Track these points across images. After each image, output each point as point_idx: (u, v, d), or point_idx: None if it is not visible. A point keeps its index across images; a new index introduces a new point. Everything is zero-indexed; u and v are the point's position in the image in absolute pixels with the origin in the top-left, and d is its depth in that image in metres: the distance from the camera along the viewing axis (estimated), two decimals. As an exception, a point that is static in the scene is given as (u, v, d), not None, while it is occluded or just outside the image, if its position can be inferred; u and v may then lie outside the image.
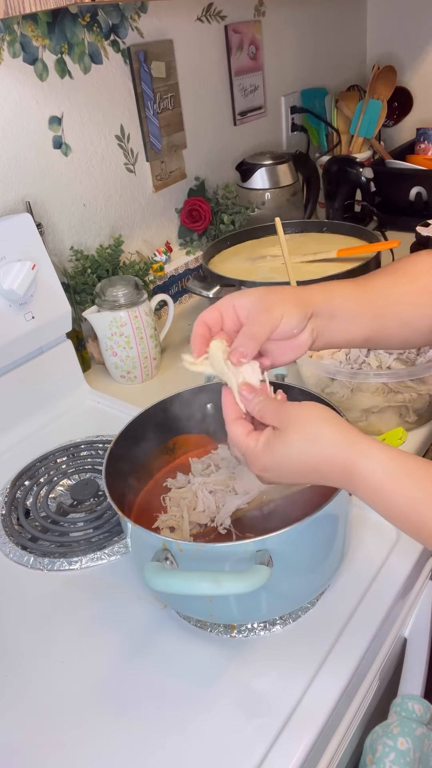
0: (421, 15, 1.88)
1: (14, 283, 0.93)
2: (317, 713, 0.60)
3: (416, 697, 0.69)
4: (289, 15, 1.65)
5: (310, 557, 0.65)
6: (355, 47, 1.99)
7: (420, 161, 1.70)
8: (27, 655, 0.69)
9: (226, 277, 1.15)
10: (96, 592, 0.75)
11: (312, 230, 1.36)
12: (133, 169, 1.29)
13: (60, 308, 1.02)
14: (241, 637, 0.68)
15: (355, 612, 0.69)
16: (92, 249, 1.21)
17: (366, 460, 0.54)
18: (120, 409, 1.04)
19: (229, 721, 0.60)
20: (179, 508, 0.76)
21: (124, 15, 1.19)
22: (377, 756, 0.63)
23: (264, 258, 1.26)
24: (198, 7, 1.37)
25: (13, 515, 0.86)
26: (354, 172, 1.54)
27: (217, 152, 1.51)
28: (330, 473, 0.56)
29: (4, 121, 1.03)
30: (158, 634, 0.69)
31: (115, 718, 0.62)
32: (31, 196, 1.09)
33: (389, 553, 0.75)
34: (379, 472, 0.53)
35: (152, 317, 1.13)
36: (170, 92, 1.32)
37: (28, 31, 1.03)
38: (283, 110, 1.70)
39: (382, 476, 0.53)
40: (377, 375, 0.87)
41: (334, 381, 0.92)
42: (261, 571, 0.56)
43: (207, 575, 0.55)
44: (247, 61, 1.53)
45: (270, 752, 0.57)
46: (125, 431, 0.75)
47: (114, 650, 0.68)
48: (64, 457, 0.95)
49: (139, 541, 0.65)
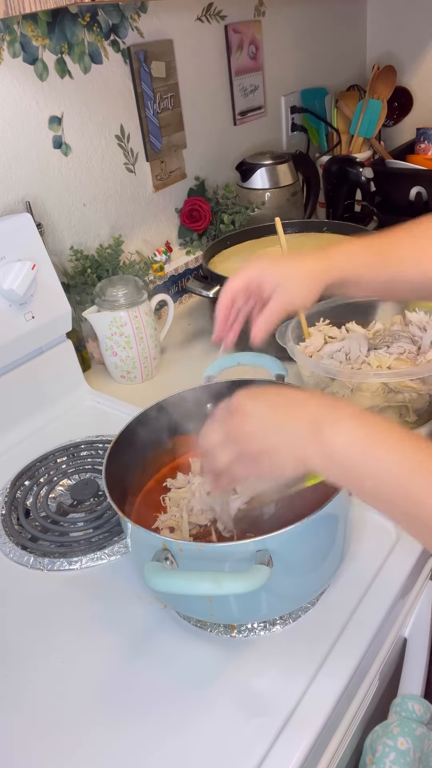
0: (421, 15, 1.88)
1: (14, 283, 0.93)
2: (317, 713, 0.60)
3: (416, 697, 0.69)
4: (288, 15, 1.65)
5: (310, 557, 0.65)
6: (355, 47, 1.99)
7: (420, 161, 1.70)
8: (27, 655, 0.69)
9: (226, 277, 1.15)
10: (96, 593, 0.75)
11: (312, 230, 1.36)
12: (133, 169, 1.29)
13: (60, 308, 1.03)
14: (241, 637, 0.68)
15: (355, 612, 0.69)
16: (92, 249, 1.21)
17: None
18: (120, 409, 1.04)
19: (229, 721, 0.60)
20: (179, 508, 0.76)
21: (124, 15, 1.19)
22: (377, 756, 0.63)
23: (264, 258, 1.26)
24: (198, 7, 1.37)
25: (13, 515, 0.86)
26: (354, 172, 1.54)
27: (217, 152, 1.51)
28: (310, 400, 0.58)
29: (4, 121, 1.03)
30: (158, 634, 0.69)
31: (115, 718, 0.62)
32: (31, 196, 1.09)
33: (389, 553, 0.75)
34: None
35: (152, 317, 1.13)
36: (170, 92, 1.32)
37: (28, 31, 1.03)
38: (283, 110, 1.70)
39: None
40: (377, 375, 0.87)
41: (334, 381, 0.92)
42: (261, 571, 0.56)
43: (207, 575, 0.55)
44: (247, 61, 1.53)
45: (270, 752, 0.57)
46: (125, 431, 0.75)
47: (114, 650, 0.68)
48: (64, 457, 0.95)
49: (139, 541, 0.65)
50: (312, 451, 0.54)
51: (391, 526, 0.78)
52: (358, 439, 0.53)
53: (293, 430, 0.56)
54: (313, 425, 0.55)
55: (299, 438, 0.55)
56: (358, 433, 0.54)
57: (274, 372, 0.82)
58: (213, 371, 0.84)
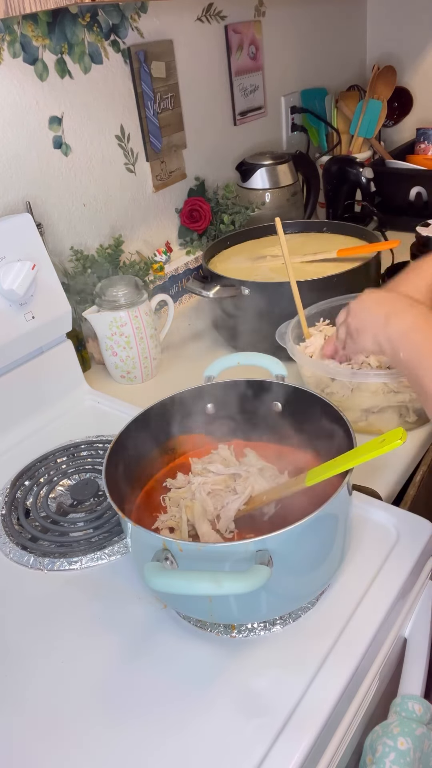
0: (421, 15, 1.89)
1: (14, 283, 0.93)
2: (317, 713, 0.60)
3: (416, 697, 0.68)
4: (288, 15, 1.65)
5: (310, 557, 0.65)
6: (355, 47, 1.99)
7: (420, 161, 1.70)
8: (27, 655, 0.69)
9: (226, 277, 1.15)
10: (96, 592, 0.75)
11: (312, 230, 1.36)
12: (133, 169, 1.29)
13: (60, 308, 1.03)
14: (241, 637, 0.68)
15: (355, 612, 0.69)
16: (92, 249, 1.21)
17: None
18: (120, 409, 1.04)
19: (229, 721, 0.60)
20: (179, 508, 0.76)
21: (124, 15, 1.19)
22: (377, 756, 0.63)
23: (264, 258, 1.26)
24: (198, 7, 1.37)
25: (13, 515, 0.86)
26: (354, 172, 1.54)
27: (217, 152, 1.51)
28: (399, 298, 0.77)
29: (4, 121, 1.03)
30: (158, 634, 0.69)
31: (114, 718, 0.62)
32: (31, 196, 1.09)
33: (389, 553, 0.75)
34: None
35: (152, 317, 1.13)
36: (170, 92, 1.32)
37: (28, 31, 1.03)
38: (283, 110, 1.70)
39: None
40: (377, 375, 0.87)
41: (334, 381, 0.92)
42: (261, 571, 0.56)
43: (207, 575, 0.55)
44: (247, 61, 1.53)
45: (270, 752, 0.57)
46: (125, 431, 0.75)
47: (114, 650, 0.68)
48: (64, 457, 0.95)
49: (139, 541, 0.65)
50: (382, 335, 0.75)
51: (391, 526, 0.78)
52: (417, 328, 0.72)
53: (375, 317, 0.77)
54: (386, 315, 0.75)
55: (375, 323, 0.76)
56: (417, 323, 0.72)
57: (274, 372, 0.82)
58: (213, 371, 0.84)
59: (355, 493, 0.81)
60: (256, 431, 0.83)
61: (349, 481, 0.65)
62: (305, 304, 1.02)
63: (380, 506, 0.81)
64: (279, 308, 1.05)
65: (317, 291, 1.05)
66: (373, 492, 0.85)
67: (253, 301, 1.11)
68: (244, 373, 0.83)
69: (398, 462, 0.90)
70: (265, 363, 0.83)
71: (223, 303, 1.16)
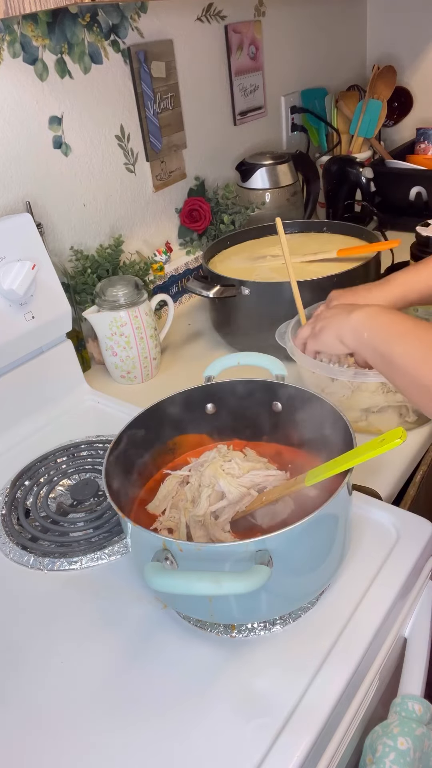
0: (421, 15, 1.89)
1: (14, 283, 0.93)
2: (317, 713, 0.60)
3: (416, 697, 0.68)
4: (289, 15, 1.65)
5: (310, 557, 0.65)
6: (355, 47, 1.99)
7: (420, 161, 1.70)
8: (27, 655, 0.69)
9: (226, 277, 1.15)
10: (96, 593, 0.75)
11: (312, 230, 1.36)
12: (133, 169, 1.29)
13: (60, 308, 1.03)
14: (241, 637, 0.68)
15: (355, 612, 0.69)
16: (92, 249, 1.21)
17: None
18: (120, 409, 1.04)
19: (229, 721, 0.60)
20: (178, 509, 0.76)
21: (124, 15, 1.19)
22: (377, 756, 0.63)
23: (264, 258, 1.26)
24: (198, 7, 1.37)
25: (13, 515, 0.86)
26: (354, 172, 1.54)
27: (217, 152, 1.51)
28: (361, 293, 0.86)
29: (4, 122, 1.03)
30: (158, 634, 0.69)
31: (114, 718, 0.62)
32: (31, 196, 1.09)
33: (389, 553, 0.75)
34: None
35: (152, 317, 1.13)
36: (170, 92, 1.32)
37: (28, 31, 1.03)
38: (283, 110, 1.70)
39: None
40: (377, 375, 0.87)
41: (334, 381, 0.92)
42: (261, 571, 0.56)
43: (207, 575, 0.55)
44: (247, 61, 1.53)
45: (270, 752, 0.57)
46: (125, 431, 0.75)
47: (114, 650, 0.68)
48: (64, 457, 0.95)
49: (139, 541, 0.65)
50: (345, 326, 0.77)
51: (391, 526, 0.78)
52: (382, 312, 0.74)
53: (339, 313, 0.79)
54: (349, 310, 0.77)
55: (338, 318, 0.78)
56: (381, 309, 0.75)
57: (274, 372, 0.82)
58: (213, 371, 0.84)
59: (355, 492, 0.81)
60: (256, 431, 0.84)
61: (349, 481, 0.65)
62: (305, 304, 1.02)
63: (380, 506, 0.81)
64: (279, 308, 1.05)
65: (317, 291, 1.04)
66: (373, 492, 0.85)
67: (253, 301, 1.12)
68: (244, 373, 0.83)
69: (398, 462, 0.90)
70: (265, 363, 0.83)
71: (223, 303, 1.16)
